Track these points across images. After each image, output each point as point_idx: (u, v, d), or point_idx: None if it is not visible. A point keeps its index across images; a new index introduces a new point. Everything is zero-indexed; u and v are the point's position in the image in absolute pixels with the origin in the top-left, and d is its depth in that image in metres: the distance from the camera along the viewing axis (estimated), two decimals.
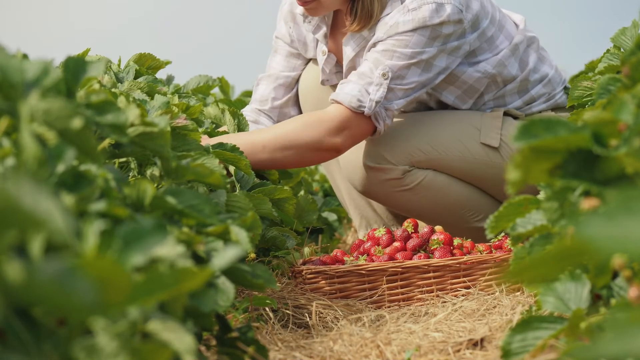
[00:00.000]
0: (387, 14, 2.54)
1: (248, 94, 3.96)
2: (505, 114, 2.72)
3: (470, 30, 2.57)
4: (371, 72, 2.51)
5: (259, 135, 2.48)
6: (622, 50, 2.03)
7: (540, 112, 2.75)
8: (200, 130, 2.28)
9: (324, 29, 2.70)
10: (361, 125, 2.52)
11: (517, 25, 2.74)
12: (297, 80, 2.84)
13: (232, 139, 2.43)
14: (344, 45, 2.64)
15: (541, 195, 1.37)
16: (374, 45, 2.56)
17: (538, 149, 1.12)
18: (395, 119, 2.69)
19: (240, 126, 2.56)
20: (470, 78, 2.64)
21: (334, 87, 2.78)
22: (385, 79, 2.50)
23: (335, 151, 2.52)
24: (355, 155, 2.69)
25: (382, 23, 2.54)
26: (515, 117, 2.73)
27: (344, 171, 2.72)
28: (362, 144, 2.64)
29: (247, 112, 2.81)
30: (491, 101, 2.71)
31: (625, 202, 0.69)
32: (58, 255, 0.83)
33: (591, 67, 2.25)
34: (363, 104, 2.49)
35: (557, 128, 1.11)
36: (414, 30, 2.50)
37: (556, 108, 2.77)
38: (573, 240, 0.78)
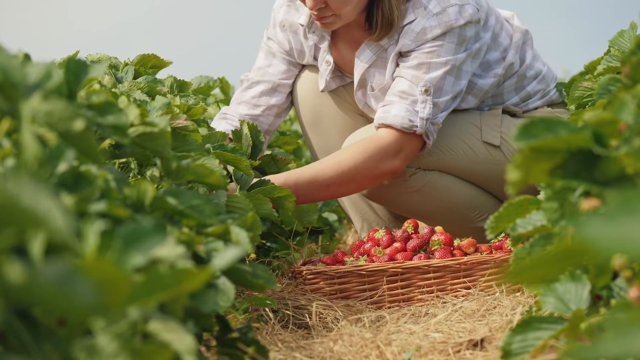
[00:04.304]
0: (411, 21, 2.54)
1: None
2: (503, 111, 2.74)
3: (483, 30, 2.58)
4: (412, 90, 2.52)
5: (318, 172, 2.49)
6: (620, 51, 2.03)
7: (536, 108, 2.77)
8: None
9: (328, 39, 2.69)
10: (413, 144, 2.53)
11: (510, 23, 2.75)
12: (290, 87, 2.81)
13: (294, 178, 2.46)
14: (358, 54, 2.62)
15: (541, 196, 1.37)
16: (403, 55, 2.56)
17: (538, 149, 1.12)
18: None
19: (253, 134, 2.50)
20: (486, 85, 2.66)
21: (332, 92, 2.78)
22: (428, 95, 2.51)
23: (392, 174, 2.54)
24: None
25: (408, 30, 2.54)
26: (513, 114, 2.74)
27: None
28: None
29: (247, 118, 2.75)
30: (489, 99, 2.72)
31: (626, 203, 0.69)
32: (58, 256, 0.83)
33: (591, 67, 2.24)
34: (415, 124, 2.50)
35: (557, 128, 1.11)
36: (443, 34, 2.51)
37: (551, 104, 2.79)
38: (573, 241, 0.78)
